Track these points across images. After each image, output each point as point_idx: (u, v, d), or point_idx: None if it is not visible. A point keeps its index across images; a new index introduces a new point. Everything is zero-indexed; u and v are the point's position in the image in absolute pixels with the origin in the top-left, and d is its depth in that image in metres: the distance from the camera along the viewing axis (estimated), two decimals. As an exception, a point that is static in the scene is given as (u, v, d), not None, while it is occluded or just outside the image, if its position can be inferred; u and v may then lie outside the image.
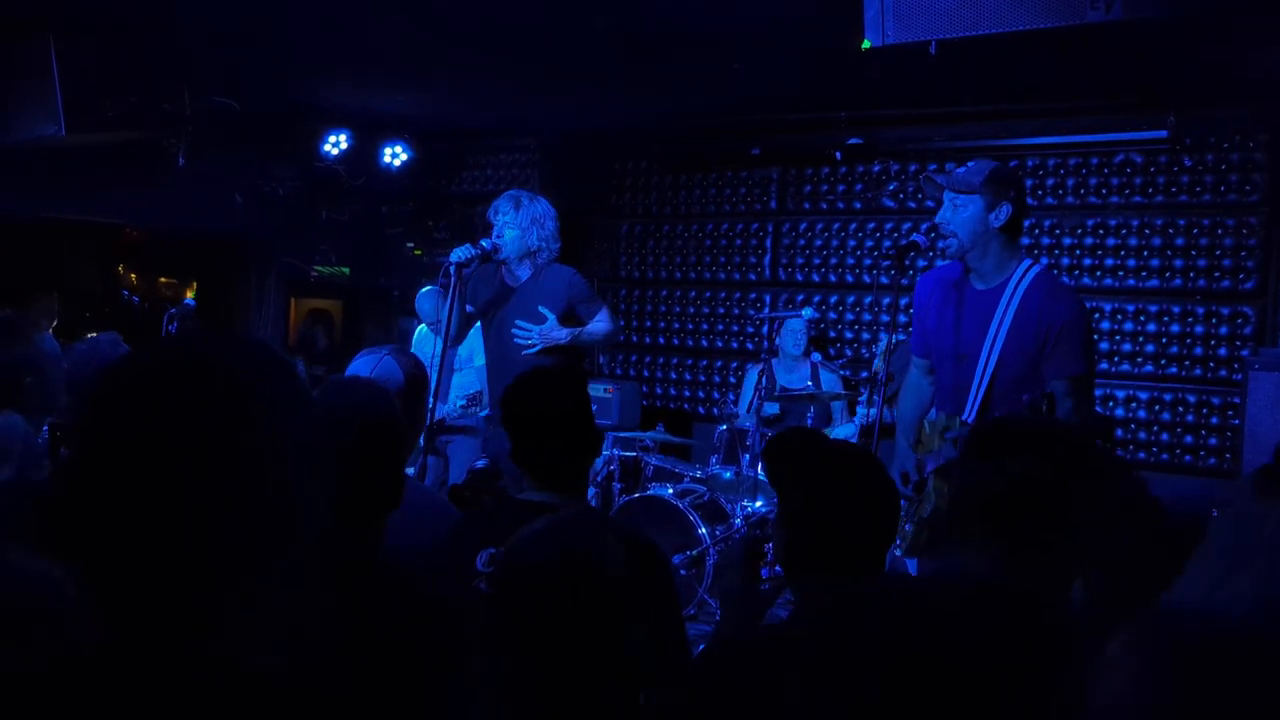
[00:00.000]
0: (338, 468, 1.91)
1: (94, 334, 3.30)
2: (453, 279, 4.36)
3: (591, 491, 5.86)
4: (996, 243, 3.33)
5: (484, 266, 4.65)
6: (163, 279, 10.31)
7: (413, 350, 6.29)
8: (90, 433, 0.95)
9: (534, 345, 4.46)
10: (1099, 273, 6.15)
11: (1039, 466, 1.70)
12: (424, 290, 6.24)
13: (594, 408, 2.62)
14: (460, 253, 4.36)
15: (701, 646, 2.73)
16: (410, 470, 3.03)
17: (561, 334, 4.48)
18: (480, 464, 2.95)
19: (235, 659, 0.96)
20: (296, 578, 1.02)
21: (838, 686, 1.64)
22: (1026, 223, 6.34)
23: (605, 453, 6.00)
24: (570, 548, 1.53)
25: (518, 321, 4.49)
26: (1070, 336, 3.26)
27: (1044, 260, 6.21)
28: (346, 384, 2.20)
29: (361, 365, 2.81)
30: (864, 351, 6.84)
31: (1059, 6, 2.94)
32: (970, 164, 3.36)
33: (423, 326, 6.17)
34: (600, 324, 4.61)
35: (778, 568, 2.13)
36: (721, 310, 7.45)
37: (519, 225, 4.49)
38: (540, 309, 4.47)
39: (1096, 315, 6.13)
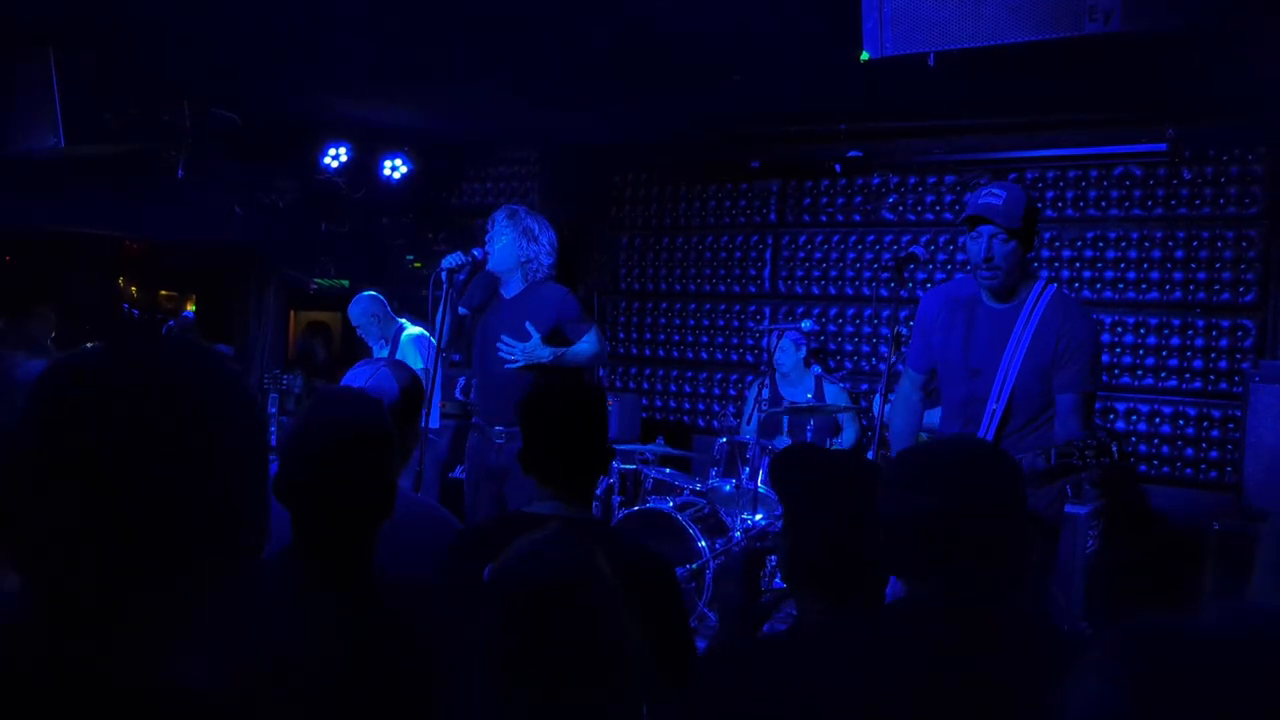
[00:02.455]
0: (326, 478, 1.93)
1: (89, 345, 3.28)
2: (445, 286, 4.43)
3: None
4: (1021, 267, 3.42)
5: (482, 277, 4.69)
6: (163, 291, 10.31)
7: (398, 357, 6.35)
8: (23, 430, 0.94)
9: (516, 362, 4.49)
10: (1098, 285, 6.14)
11: (940, 499, 1.69)
12: (359, 295, 6.27)
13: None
14: (452, 259, 4.44)
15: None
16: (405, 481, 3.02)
17: (545, 353, 4.50)
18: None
19: (162, 669, 0.94)
20: (229, 588, 1.00)
21: (816, 708, 1.63)
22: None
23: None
24: (550, 568, 1.51)
25: (503, 337, 4.52)
26: (1085, 352, 3.33)
27: (1045, 273, 6.21)
28: (334, 394, 2.20)
29: (356, 377, 2.81)
30: (863, 364, 6.84)
31: (1057, 18, 2.94)
32: (1000, 192, 3.35)
33: (410, 332, 6.19)
34: (586, 345, 4.61)
35: (777, 581, 2.13)
36: (721, 323, 7.45)
37: (510, 235, 4.56)
38: (527, 325, 4.50)
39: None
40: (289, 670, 1.75)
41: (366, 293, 6.28)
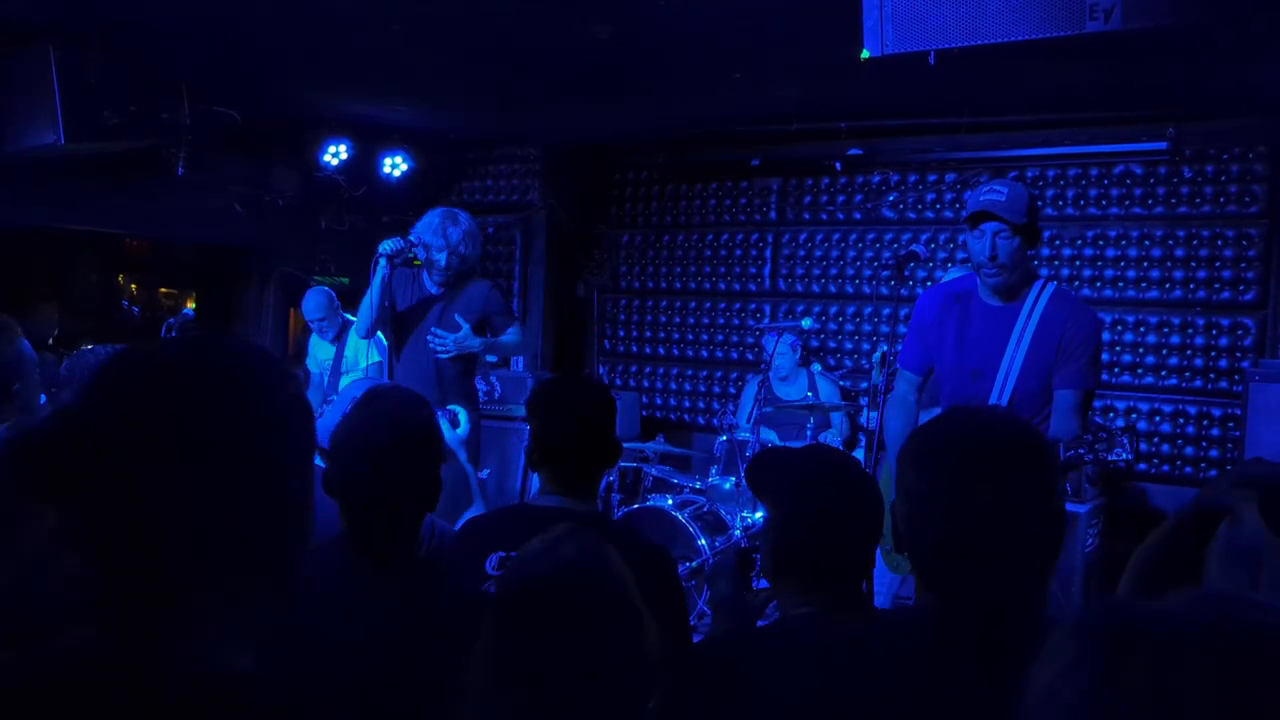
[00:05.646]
0: (374, 472, 2.02)
1: (90, 345, 3.29)
2: (384, 270, 4.58)
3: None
4: (1024, 266, 3.36)
5: (402, 271, 4.86)
6: (163, 289, 10.32)
7: (309, 354, 6.49)
8: (88, 419, 0.96)
9: (449, 351, 4.67)
10: (1098, 283, 6.14)
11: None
12: (311, 290, 6.42)
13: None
14: (390, 245, 4.60)
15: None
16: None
17: (475, 343, 4.70)
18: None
19: (216, 661, 0.96)
20: (284, 582, 1.03)
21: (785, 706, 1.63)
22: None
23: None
24: (573, 561, 1.52)
25: (434, 329, 4.69)
26: (1088, 350, 3.29)
27: (1044, 270, 6.21)
28: (382, 391, 2.28)
29: (354, 390, 2.86)
30: (863, 362, 6.83)
31: (1058, 17, 2.94)
32: (1002, 189, 3.28)
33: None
34: (509, 338, 4.86)
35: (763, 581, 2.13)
36: (721, 321, 7.45)
37: (456, 251, 4.72)
38: (457, 318, 4.69)
39: (1096, 326, 6.13)
40: (338, 653, 1.80)
41: (320, 288, 6.45)
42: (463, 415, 4.77)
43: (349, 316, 6.33)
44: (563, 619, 1.47)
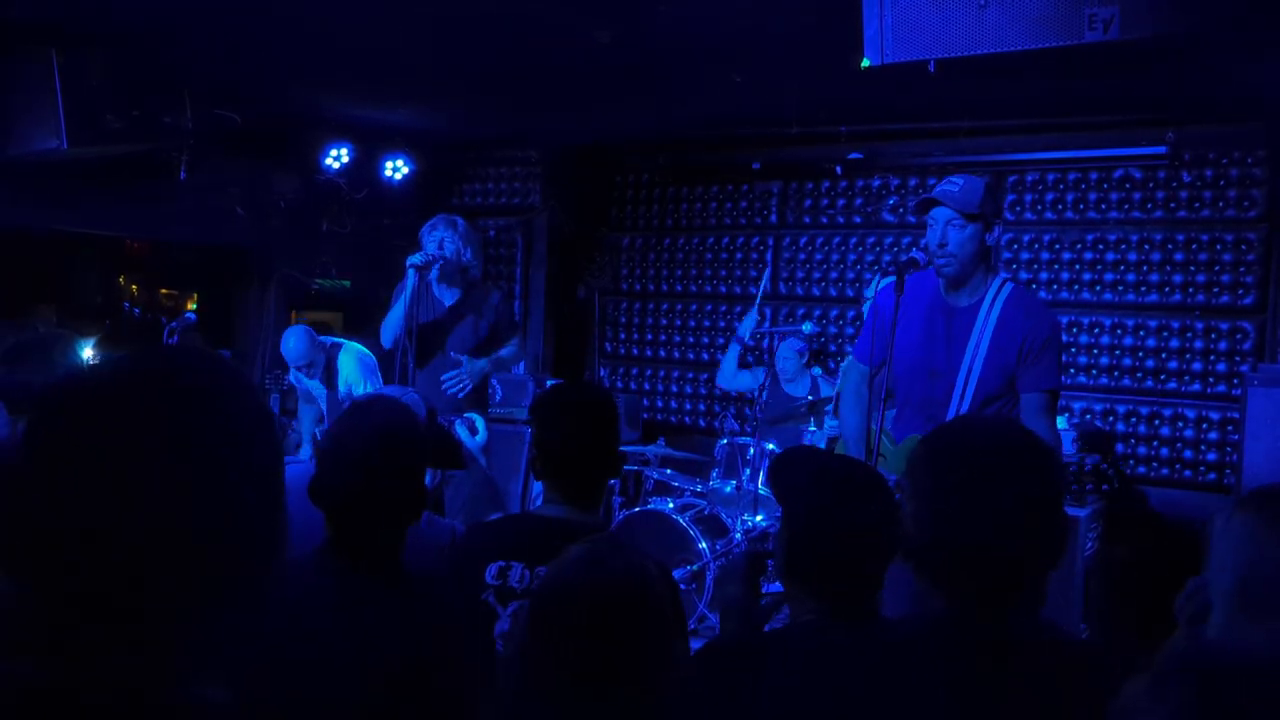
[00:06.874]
0: (361, 481, 2.03)
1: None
2: (413, 281, 4.64)
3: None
4: (984, 261, 3.34)
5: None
6: (164, 290, 10.32)
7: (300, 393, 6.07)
8: (39, 442, 0.92)
9: (465, 389, 4.77)
10: (1098, 287, 6.16)
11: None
12: (291, 332, 5.78)
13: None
14: (419, 257, 4.68)
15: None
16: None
17: (482, 364, 4.83)
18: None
19: (186, 692, 0.92)
20: (254, 603, 0.99)
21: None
22: (1026, 237, 6.38)
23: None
24: (615, 573, 1.54)
25: (446, 374, 4.76)
26: (1050, 351, 3.28)
27: (1044, 275, 6.24)
28: (371, 400, 2.29)
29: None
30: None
31: (1057, 27, 2.94)
32: (959, 180, 3.30)
33: (350, 349, 5.87)
34: (512, 349, 5.00)
35: (776, 584, 2.14)
36: (723, 324, 7.46)
37: (456, 243, 4.81)
38: (453, 355, 4.79)
39: (1095, 330, 6.15)
40: (325, 665, 1.81)
41: (296, 328, 5.83)
42: (480, 422, 4.79)
43: (334, 339, 5.97)
44: (606, 631, 1.48)
